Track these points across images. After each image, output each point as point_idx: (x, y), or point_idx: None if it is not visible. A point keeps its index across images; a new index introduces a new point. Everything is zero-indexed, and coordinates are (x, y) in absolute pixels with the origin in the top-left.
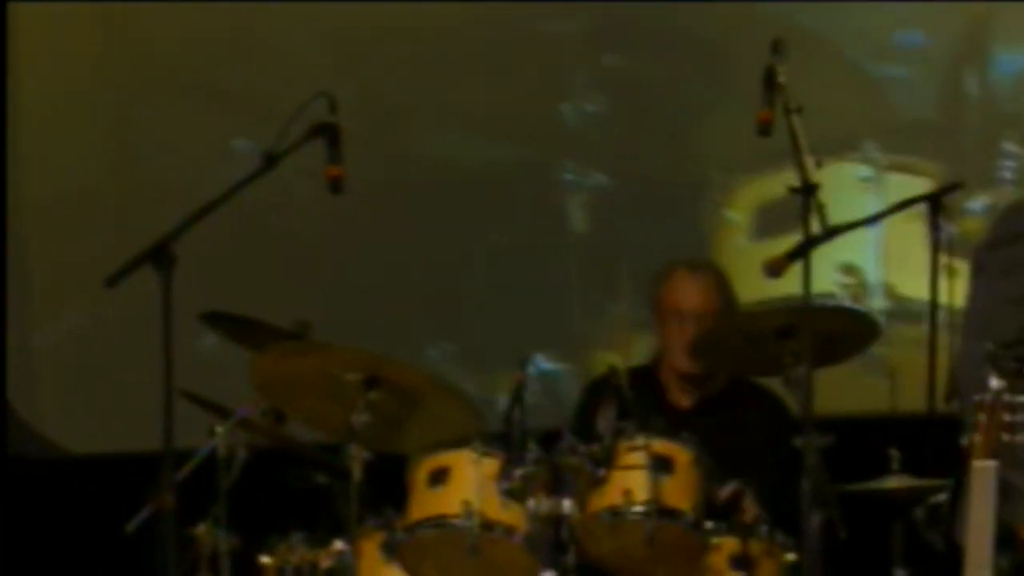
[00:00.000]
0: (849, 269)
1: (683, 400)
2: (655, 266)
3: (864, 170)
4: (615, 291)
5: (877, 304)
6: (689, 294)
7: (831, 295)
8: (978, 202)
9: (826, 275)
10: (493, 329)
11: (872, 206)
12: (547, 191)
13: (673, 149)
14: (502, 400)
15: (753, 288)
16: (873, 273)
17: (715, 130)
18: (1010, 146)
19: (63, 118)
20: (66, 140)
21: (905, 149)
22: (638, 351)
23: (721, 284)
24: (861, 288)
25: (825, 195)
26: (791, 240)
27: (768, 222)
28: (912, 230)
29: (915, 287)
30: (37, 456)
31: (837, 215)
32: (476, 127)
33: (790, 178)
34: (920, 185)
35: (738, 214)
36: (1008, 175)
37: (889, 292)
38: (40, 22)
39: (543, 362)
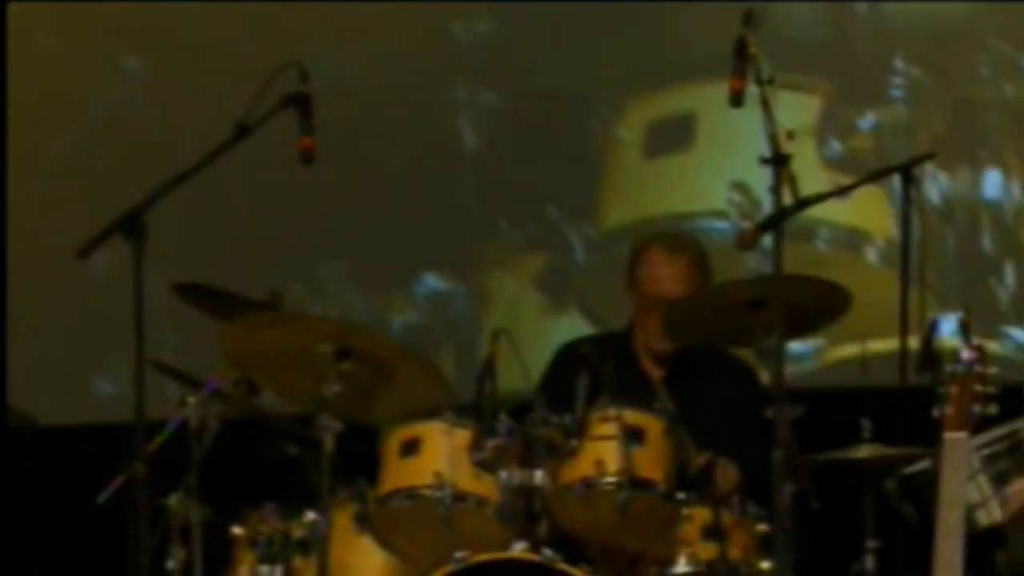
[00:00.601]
0: (740, 187)
1: (654, 370)
2: (545, 186)
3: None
4: (508, 210)
5: None
6: (664, 281)
7: (722, 212)
8: (867, 120)
9: (718, 193)
10: (385, 248)
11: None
12: (439, 110)
13: (564, 67)
14: (395, 319)
15: (645, 206)
16: (763, 191)
17: (607, 48)
18: (899, 63)
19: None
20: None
21: (794, 67)
22: (529, 270)
23: (698, 264)
24: (751, 206)
25: (716, 112)
26: (682, 158)
27: (659, 140)
28: (800, 145)
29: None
30: (9, 427)
31: (723, 135)
32: (367, 47)
33: (681, 95)
34: (809, 103)
35: (630, 132)
36: (897, 92)
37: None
38: None
39: (434, 281)
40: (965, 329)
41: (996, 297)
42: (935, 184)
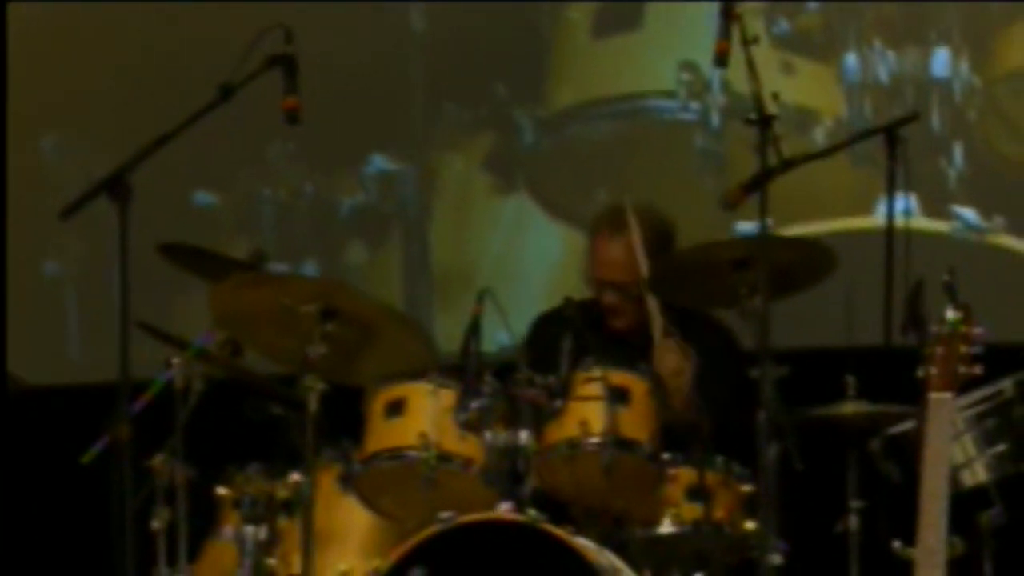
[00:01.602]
0: (688, 66)
1: (631, 334)
2: (493, 67)
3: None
4: (455, 91)
5: (716, 101)
6: (608, 261)
7: (671, 92)
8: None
9: (667, 73)
10: (333, 129)
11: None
12: None
13: None
14: (343, 201)
15: (594, 86)
16: (712, 69)
17: None
18: None
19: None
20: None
21: None
22: (477, 151)
23: (650, 240)
24: (700, 85)
25: None
26: (631, 38)
27: (608, 20)
28: (752, 25)
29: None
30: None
31: (671, 14)
32: None
33: None
34: None
35: (578, 12)
36: None
37: (726, 87)
38: None
39: (382, 162)
40: (950, 290)
41: (945, 176)
42: (883, 63)
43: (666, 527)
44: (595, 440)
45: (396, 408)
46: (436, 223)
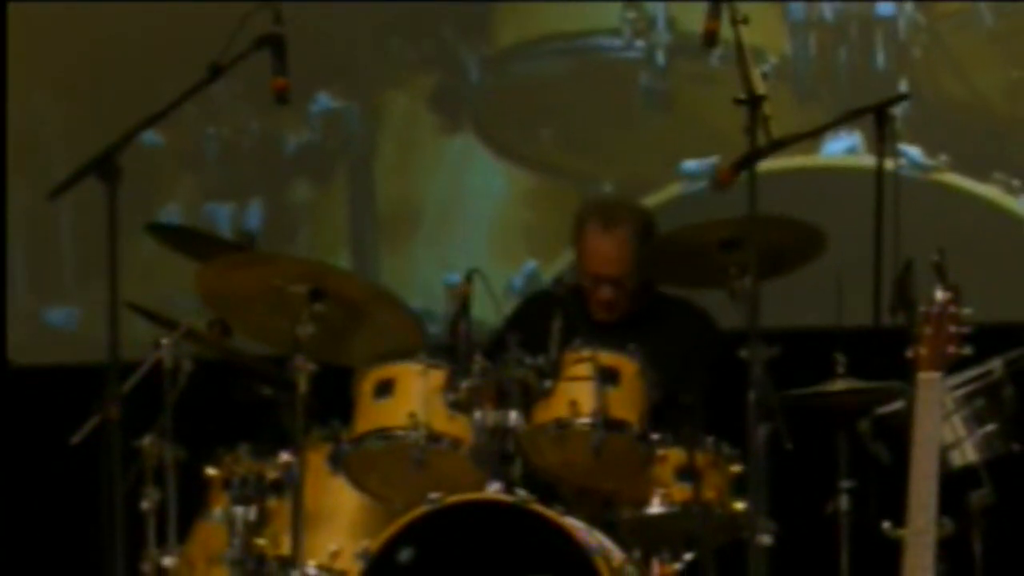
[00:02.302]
0: (633, 4)
1: (609, 319)
2: (439, 6)
3: None
4: (400, 28)
5: (661, 39)
6: (600, 257)
7: (616, 30)
8: None
9: (612, 11)
10: None
11: None
12: None
13: None
14: (289, 139)
15: (539, 24)
16: (656, 7)
17: None
18: None
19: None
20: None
21: None
22: (422, 89)
23: (638, 236)
24: (645, 23)
25: None
26: None
27: None
28: None
29: (698, 21)
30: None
31: None
32: None
33: None
34: None
35: None
36: None
37: (671, 25)
38: None
39: (328, 100)
40: (940, 270)
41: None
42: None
43: (655, 507)
44: (585, 420)
45: (385, 388)
46: (381, 161)
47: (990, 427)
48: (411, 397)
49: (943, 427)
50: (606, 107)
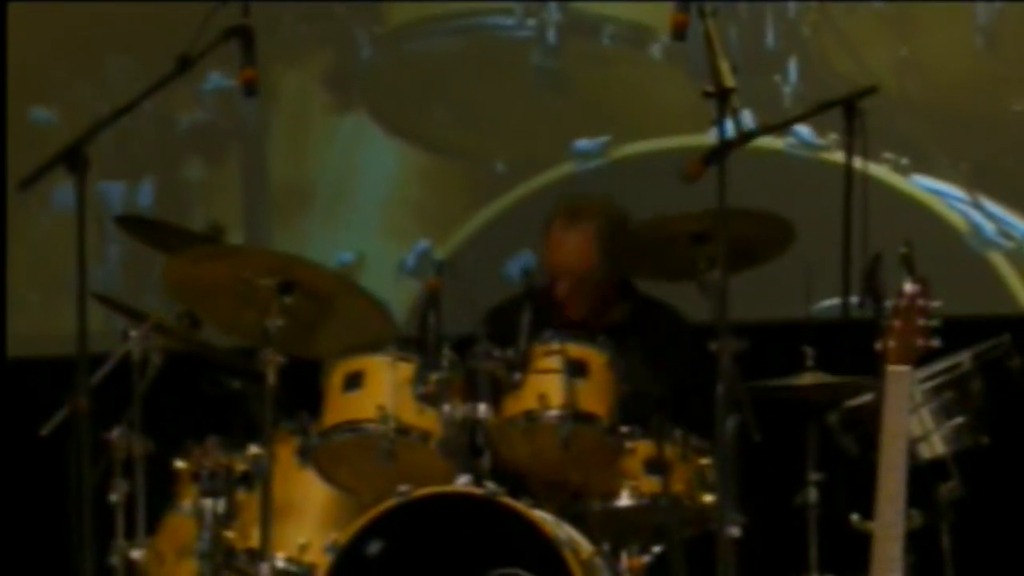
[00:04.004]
0: None
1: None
2: None
3: None
4: (293, 6)
5: (552, 17)
6: (565, 251)
7: (507, 10)
8: None
9: None
10: (172, 44)
11: None
12: None
13: None
14: (182, 118)
15: (430, 4)
16: None
17: None
18: None
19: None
20: None
21: None
22: (315, 67)
23: (605, 232)
24: (537, 2)
25: None
26: None
27: None
28: None
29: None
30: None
31: None
32: None
33: None
34: None
35: None
36: None
37: (563, 5)
38: None
39: (220, 78)
40: (908, 262)
41: (780, 93)
42: None
43: (624, 500)
44: (553, 413)
45: (354, 381)
46: (273, 140)
47: (958, 420)
48: (380, 390)
49: (911, 420)
50: (498, 86)
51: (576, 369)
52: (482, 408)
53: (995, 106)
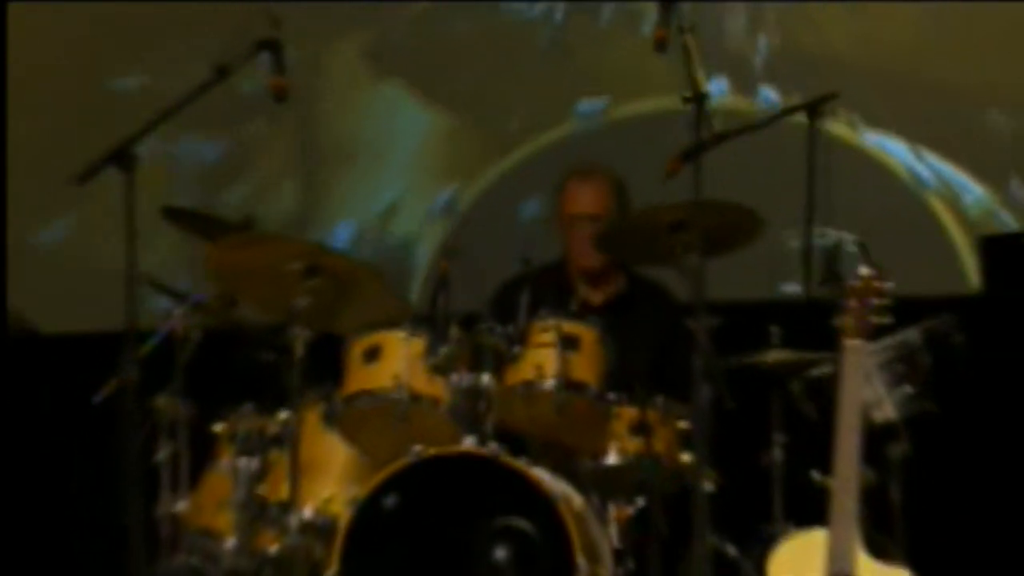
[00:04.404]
0: None
1: (592, 297)
2: None
3: None
4: None
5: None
6: (581, 199)
7: None
8: None
9: None
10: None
11: None
12: None
13: None
14: (244, 83)
15: None
16: None
17: None
18: None
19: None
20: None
21: None
22: (358, 42)
23: (612, 184)
24: None
25: None
26: None
27: None
28: None
29: None
30: (12, 336)
31: None
32: None
33: None
34: None
35: None
36: None
37: None
38: None
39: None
40: (864, 249)
41: (751, 60)
42: None
43: (612, 459)
44: (549, 382)
45: (373, 354)
46: (324, 104)
47: (907, 388)
48: (396, 362)
49: (866, 388)
50: (512, 59)
51: (569, 343)
52: (485, 378)
53: (934, 73)
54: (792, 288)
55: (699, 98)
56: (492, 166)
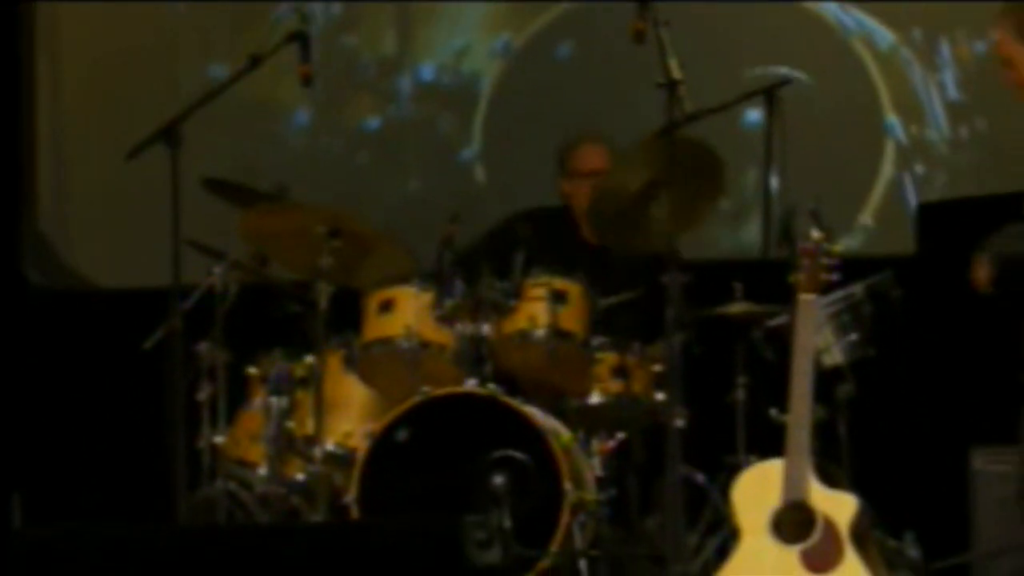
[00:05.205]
0: None
1: (592, 236)
2: None
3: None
4: None
5: None
6: (593, 156)
7: None
8: None
9: None
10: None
11: None
12: None
13: None
14: None
15: None
16: None
17: None
18: None
19: None
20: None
21: None
22: None
23: (609, 149)
24: None
25: None
26: None
27: None
28: None
29: None
30: (65, 287)
31: None
32: None
33: None
34: None
35: None
36: None
37: None
38: None
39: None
40: (816, 215)
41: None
42: None
43: (595, 398)
44: (541, 332)
45: (387, 306)
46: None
47: (853, 336)
48: (407, 313)
49: (817, 336)
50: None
51: (558, 297)
52: (485, 327)
53: None
54: (752, 248)
55: (672, 84)
56: (536, 18)
